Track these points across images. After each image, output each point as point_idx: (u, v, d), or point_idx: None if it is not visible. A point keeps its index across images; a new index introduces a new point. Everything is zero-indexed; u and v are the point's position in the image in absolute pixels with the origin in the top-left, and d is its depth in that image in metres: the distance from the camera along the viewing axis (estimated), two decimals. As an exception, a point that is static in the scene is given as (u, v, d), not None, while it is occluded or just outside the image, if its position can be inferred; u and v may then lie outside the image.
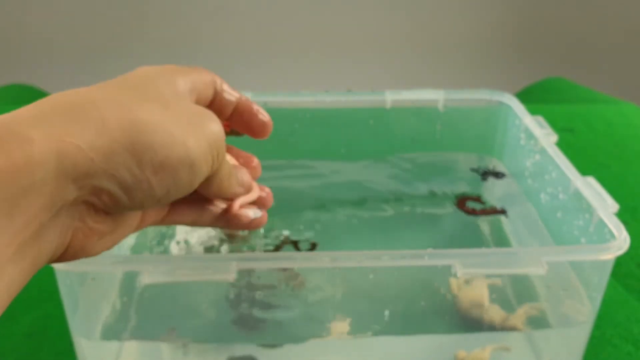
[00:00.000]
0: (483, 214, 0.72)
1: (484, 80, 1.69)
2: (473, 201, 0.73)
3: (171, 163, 0.26)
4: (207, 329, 0.53)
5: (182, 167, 0.27)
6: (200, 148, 0.27)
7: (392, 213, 0.74)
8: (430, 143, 0.75)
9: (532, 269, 0.46)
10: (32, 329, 0.56)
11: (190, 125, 0.27)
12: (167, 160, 0.26)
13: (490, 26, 1.71)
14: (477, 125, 0.75)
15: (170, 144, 0.26)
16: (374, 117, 0.73)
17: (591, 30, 1.69)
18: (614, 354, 0.55)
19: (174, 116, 0.27)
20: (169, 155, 0.26)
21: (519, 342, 0.55)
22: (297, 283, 0.65)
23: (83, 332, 0.51)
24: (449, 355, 0.52)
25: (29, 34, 1.64)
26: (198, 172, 0.28)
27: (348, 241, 0.70)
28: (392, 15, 1.67)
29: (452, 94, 0.72)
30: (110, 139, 0.25)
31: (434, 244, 0.69)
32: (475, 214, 0.72)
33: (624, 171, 0.82)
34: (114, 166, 0.25)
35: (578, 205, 0.55)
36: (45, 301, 0.58)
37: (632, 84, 1.67)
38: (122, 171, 0.25)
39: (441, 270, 0.52)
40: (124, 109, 0.26)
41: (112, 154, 0.25)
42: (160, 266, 0.44)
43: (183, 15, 1.63)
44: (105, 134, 0.25)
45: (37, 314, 0.57)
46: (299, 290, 0.52)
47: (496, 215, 0.72)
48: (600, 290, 0.50)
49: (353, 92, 0.71)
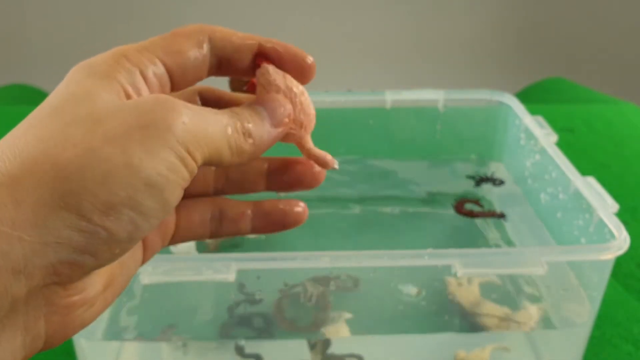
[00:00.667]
0: (480, 217, 0.72)
1: (484, 80, 1.69)
2: (471, 204, 0.73)
3: (119, 197, 0.21)
4: (207, 328, 0.53)
5: (139, 194, 0.21)
6: (156, 159, 0.21)
7: (392, 213, 0.74)
8: (430, 143, 0.75)
9: (532, 269, 0.46)
10: (32, 329, 0.56)
11: (134, 130, 0.21)
12: (113, 197, 0.20)
13: (490, 26, 1.71)
14: (477, 125, 0.75)
15: (107, 174, 0.20)
16: (374, 117, 0.73)
17: (591, 30, 1.69)
18: (614, 354, 0.55)
19: (107, 133, 0.21)
20: (112, 190, 0.20)
21: (519, 342, 0.55)
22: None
23: (83, 332, 0.51)
24: (448, 355, 0.52)
25: (29, 34, 1.64)
26: (165, 188, 0.22)
27: (348, 241, 0.70)
28: (392, 15, 1.67)
29: (452, 94, 0.72)
30: (33, 203, 0.20)
31: (433, 244, 0.69)
32: (473, 217, 0.72)
33: (624, 171, 0.82)
34: (54, 232, 0.20)
35: (578, 205, 0.55)
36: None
37: (632, 84, 1.67)
38: (66, 233, 0.20)
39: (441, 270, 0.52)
40: (38, 155, 0.20)
41: (44, 220, 0.20)
42: (159, 266, 0.45)
43: (183, 16, 1.63)
44: (25, 200, 0.20)
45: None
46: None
47: (494, 218, 0.72)
48: (600, 290, 0.50)
49: (353, 92, 0.71)
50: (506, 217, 0.71)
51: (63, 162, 0.20)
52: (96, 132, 0.21)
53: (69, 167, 0.20)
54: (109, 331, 0.54)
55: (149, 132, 0.21)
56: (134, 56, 0.24)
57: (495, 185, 0.74)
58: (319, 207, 0.72)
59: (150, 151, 0.21)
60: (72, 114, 0.22)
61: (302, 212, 0.28)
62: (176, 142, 0.21)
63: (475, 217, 0.72)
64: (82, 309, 0.23)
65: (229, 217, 0.28)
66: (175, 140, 0.21)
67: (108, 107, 0.22)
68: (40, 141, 0.21)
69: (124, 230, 0.21)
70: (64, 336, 0.23)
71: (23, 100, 1.10)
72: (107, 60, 0.23)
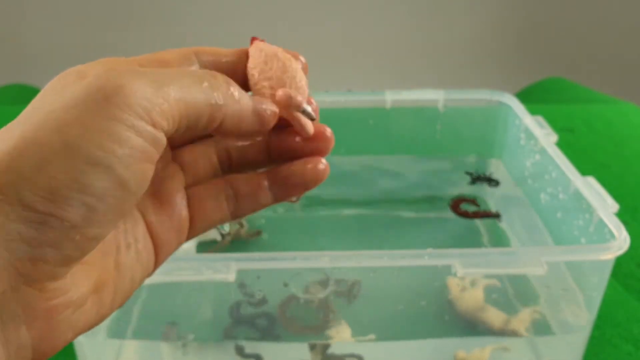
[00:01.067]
0: (476, 217, 0.72)
1: (484, 80, 1.69)
2: (468, 203, 0.73)
3: (60, 180, 0.19)
4: (208, 328, 0.53)
5: (83, 175, 0.19)
6: (97, 133, 0.19)
7: (391, 213, 0.74)
8: (430, 143, 0.75)
9: (532, 269, 0.46)
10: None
11: (72, 111, 0.20)
12: (53, 181, 0.19)
13: (490, 26, 1.71)
14: (477, 125, 0.75)
15: (43, 159, 0.19)
16: (374, 117, 0.73)
17: (591, 30, 1.69)
18: (614, 354, 0.55)
19: (47, 116, 0.20)
20: (50, 174, 0.19)
21: (518, 343, 0.55)
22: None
23: (83, 331, 0.51)
24: (448, 355, 0.52)
25: (29, 34, 1.64)
26: (114, 164, 0.20)
27: (347, 241, 0.70)
28: (392, 15, 1.67)
29: (452, 94, 0.72)
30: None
31: (433, 244, 0.69)
32: (468, 217, 0.72)
33: (624, 171, 0.82)
34: (1, 230, 0.19)
35: (578, 205, 0.55)
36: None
37: (632, 84, 1.67)
38: (14, 227, 0.19)
39: (441, 270, 0.52)
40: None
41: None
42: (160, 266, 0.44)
43: (182, 16, 1.63)
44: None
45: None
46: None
47: (490, 218, 0.72)
48: (600, 290, 0.50)
49: (353, 92, 0.71)
50: (501, 217, 0.71)
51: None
52: (32, 117, 0.20)
53: (4, 160, 0.19)
54: (109, 330, 0.54)
55: (88, 105, 0.19)
56: (123, 67, 0.22)
57: (490, 186, 0.74)
58: (319, 207, 0.72)
59: (89, 126, 0.19)
60: (33, 108, 0.21)
61: (324, 168, 0.26)
62: (122, 111, 0.19)
63: (471, 218, 0.72)
64: (67, 311, 0.21)
65: (244, 193, 0.27)
66: (120, 109, 0.19)
67: (69, 95, 0.20)
68: None
69: (76, 215, 0.19)
70: (54, 344, 0.21)
71: (23, 100, 1.10)
72: (97, 68, 0.22)
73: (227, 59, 0.26)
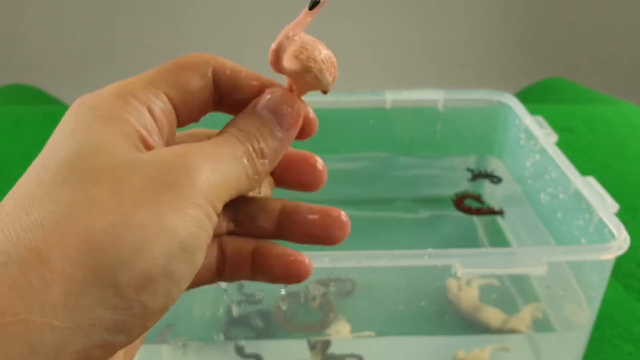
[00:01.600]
0: (478, 214, 0.72)
1: (484, 80, 1.69)
2: (472, 199, 0.73)
3: (158, 266, 0.19)
4: (206, 328, 0.53)
5: (175, 260, 0.19)
6: (187, 218, 0.19)
7: (391, 213, 0.74)
8: (430, 143, 0.75)
9: (532, 269, 0.46)
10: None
11: (161, 190, 0.19)
12: (152, 266, 0.18)
13: (490, 26, 1.70)
14: (477, 125, 0.75)
15: (144, 242, 0.18)
16: (374, 117, 0.73)
17: (591, 30, 1.69)
18: (614, 354, 0.55)
19: (134, 194, 0.19)
20: (149, 259, 0.18)
21: (518, 342, 0.55)
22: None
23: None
24: (448, 355, 0.52)
25: (29, 34, 1.64)
26: (196, 248, 0.20)
27: (347, 241, 0.70)
28: (392, 15, 1.67)
29: (452, 94, 0.72)
30: (64, 282, 0.17)
31: (433, 244, 0.69)
32: (471, 213, 0.72)
33: (624, 171, 0.82)
34: (86, 314, 0.18)
35: (578, 205, 0.55)
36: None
37: (632, 84, 1.67)
38: (99, 312, 0.18)
39: (441, 270, 0.52)
40: (64, 224, 0.18)
41: (76, 301, 0.17)
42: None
43: (182, 16, 1.63)
44: (54, 280, 0.17)
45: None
46: None
47: (493, 215, 0.71)
48: (600, 290, 0.50)
49: (353, 92, 0.71)
50: (504, 214, 0.71)
51: (94, 231, 0.18)
52: (122, 194, 0.19)
53: (101, 238, 0.18)
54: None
55: (175, 191, 0.19)
56: (142, 93, 0.22)
57: (492, 182, 0.74)
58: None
59: (181, 211, 0.19)
60: (90, 171, 0.19)
61: (307, 270, 0.25)
62: (203, 198, 0.20)
63: (474, 214, 0.72)
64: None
65: (230, 260, 0.26)
66: (201, 196, 0.20)
67: (126, 160, 0.20)
68: (62, 205, 0.18)
69: (158, 302, 0.19)
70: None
71: (23, 100, 1.10)
72: (114, 99, 0.21)
73: (239, 95, 0.24)
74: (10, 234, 0.18)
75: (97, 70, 1.67)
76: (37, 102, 1.12)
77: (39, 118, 0.92)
